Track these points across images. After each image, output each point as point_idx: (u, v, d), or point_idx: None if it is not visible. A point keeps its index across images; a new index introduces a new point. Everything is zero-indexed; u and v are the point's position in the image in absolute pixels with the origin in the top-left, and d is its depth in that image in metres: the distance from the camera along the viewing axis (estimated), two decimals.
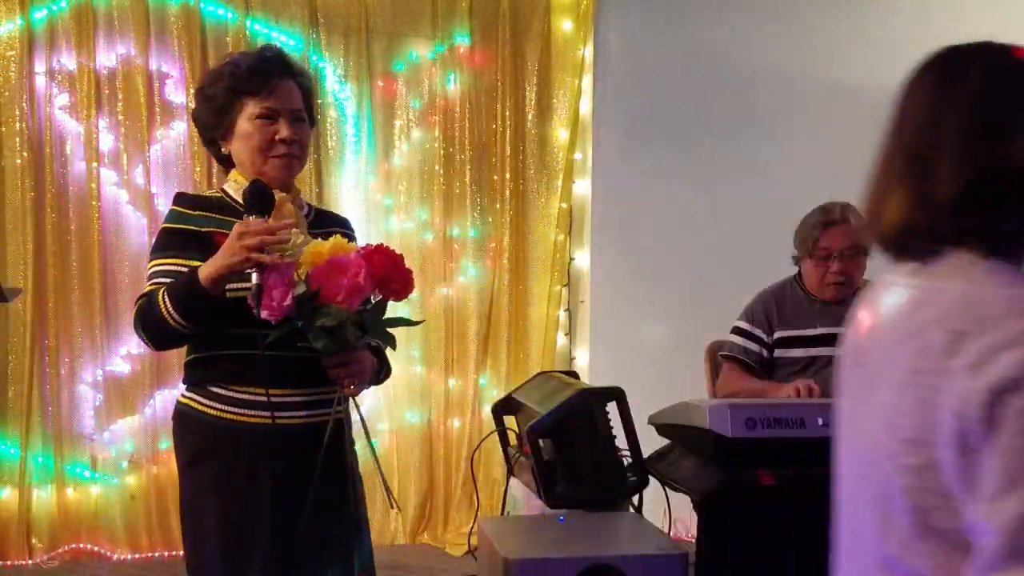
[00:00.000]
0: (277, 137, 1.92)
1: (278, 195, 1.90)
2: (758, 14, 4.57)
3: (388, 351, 1.98)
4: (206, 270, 1.76)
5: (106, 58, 3.94)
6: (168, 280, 1.86)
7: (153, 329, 1.85)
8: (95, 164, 3.93)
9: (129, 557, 3.98)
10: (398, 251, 1.84)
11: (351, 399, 1.91)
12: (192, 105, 3.97)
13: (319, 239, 1.82)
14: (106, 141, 3.97)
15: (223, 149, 1.99)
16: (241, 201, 1.91)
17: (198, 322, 1.82)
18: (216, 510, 1.88)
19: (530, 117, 4.39)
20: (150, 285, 1.89)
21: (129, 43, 3.95)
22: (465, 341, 4.37)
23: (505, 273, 4.36)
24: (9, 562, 3.85)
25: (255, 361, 1.81)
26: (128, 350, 4.01)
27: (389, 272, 1.78)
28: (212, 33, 4.05)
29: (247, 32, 4.06)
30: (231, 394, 1.89)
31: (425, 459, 4.32)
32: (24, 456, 3.88)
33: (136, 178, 4.00)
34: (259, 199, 1.80)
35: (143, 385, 4.02)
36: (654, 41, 4.45)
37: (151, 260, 1.93)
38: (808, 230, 2.79)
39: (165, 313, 1.80)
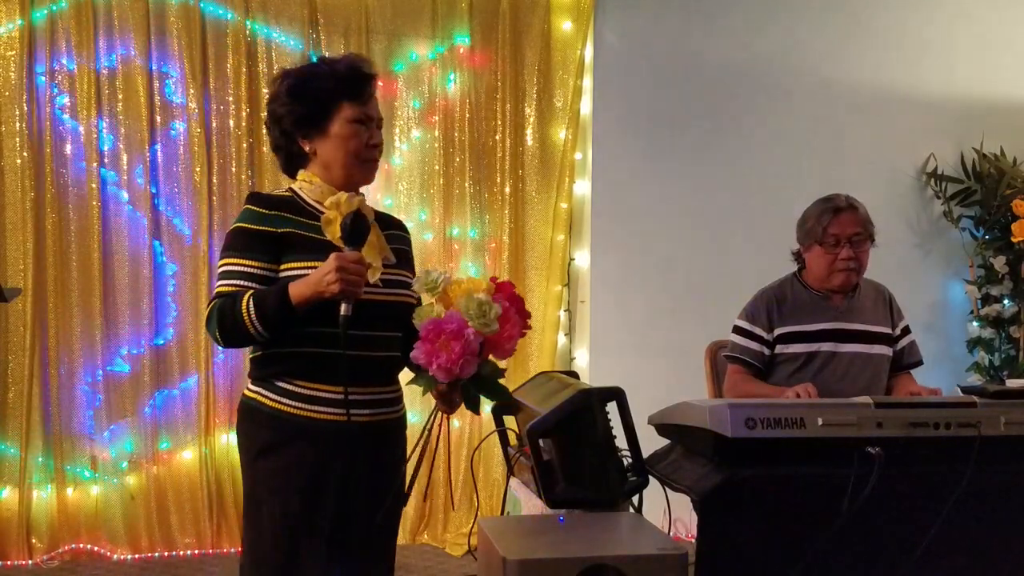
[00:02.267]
0: (371, 143, 2.00)
1: (356, 197, 1.95)
2: (757, 15, 4.58)
3: None
4: (298, 290, 1.80)
5: (106, 58, 3.95)
6: (241, 281, 1.90)
7: (232, 331, 1.88)
8: (95, 164, 3.94)
9: (129, 557, 3.98)
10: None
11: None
12: (192, 106, 4.01)
13: (459, 278, 1.84)
14: (106, 141, 3.97)
15: (306, 147, 2.00)
16: (312, 201, 1.97)
17: (278, 332, 1.87)
18: (279, 503, 1.91)
19: (530, 117, 4.39)
20: (224, 284, 1.92)
21: (129, 43, 3.96)
22: None
23: (505, 273, 4.35)
24: (9, 562, 3.85)
25: (329, 360, 1.86)
26: (128, 350, 4.02)
27: (522, 309, 1.81)
28: (212, 33, 4.05)
29: (247, 32, 4.06)
30: (300, 390, 1.92)
31: (425, 459, 4.30)
32: (24, 456, 3.88)
33: (136, 178, 4.00)
34: (358, 232, 1.83)
35: (143, 385, 4.02)
36: (654, 41, 4.46)
37: (224, 257, 1.95)
38: (816, 218, 2.79)
39: (247, 320, 1.84)
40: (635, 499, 1.86)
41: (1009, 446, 1.71)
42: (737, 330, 2.89)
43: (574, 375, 2.15)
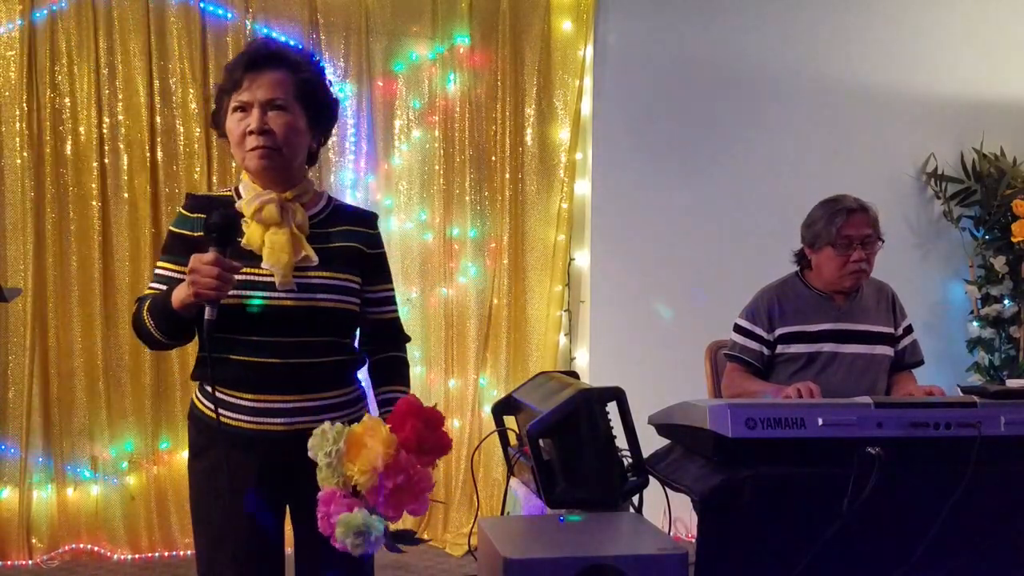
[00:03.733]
0: (248, 129, 1.86)
1: (262, 197, 1.88)
2: (757, 14, 4.58)
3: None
4: (175, 293, 1.76)
5: (106, 58, 3.94)
6: (157, 284, 1.91)
7: (142, 335, 1.90)
8: (95, 164, 3.93)
9: (129, 557, 3.98)
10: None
11: None
12: (192, 105, 4.01)
13: (341, 423, 1.58)
14: (106, 141, 3.97)
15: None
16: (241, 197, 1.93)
17: (177, 337, 1.86)
18: (207, 504, 1.93)
19: (530, 117, 4.39)
20: (148, 287, 1.94)
21: (129, 43, 3.95)
22: (465, 341, 4.36)
23: (505, 273, 4.36)
24: (9, 562, 3.85)
25: (245, 367, 1.84)
26: (128, 350, 4.01)
27: (429, 445, 1.60)
28: (212, 33, 4.05)
29: (247, 32, 4.06)
30: (224, 397, 1.89)
31: None
32: (24, 456, 3.88)
33: (136, 178, 4.00)
34: (216, 229, 1.71)
35: (143, 385, 4.02)
36: (654, 41, 4.46)
37: (158, 260, 1.97)
38: (828, 219, 2.78)
39: (148, 323, 1.85)
40: (635, 499, 1.86)
41: (1009, 446, 1.71)
42: (738, 329, 2.90)
43: (574, 375, 2.15)
